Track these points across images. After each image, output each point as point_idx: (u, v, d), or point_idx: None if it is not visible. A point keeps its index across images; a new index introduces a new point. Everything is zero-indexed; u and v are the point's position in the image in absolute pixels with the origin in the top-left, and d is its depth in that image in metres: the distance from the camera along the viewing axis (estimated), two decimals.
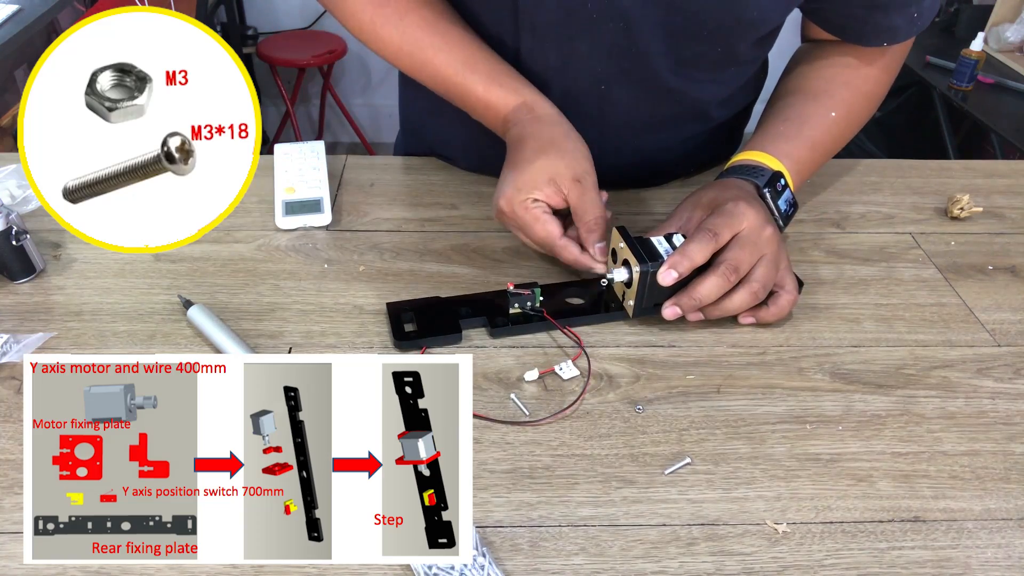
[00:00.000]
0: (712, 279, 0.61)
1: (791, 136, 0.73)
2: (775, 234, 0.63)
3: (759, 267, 0.63)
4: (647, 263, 0.61)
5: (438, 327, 0.64)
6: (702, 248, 0.61)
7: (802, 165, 0.73)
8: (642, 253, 0.62)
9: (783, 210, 0.69)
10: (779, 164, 0.71)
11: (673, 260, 0.61)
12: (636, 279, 0.62)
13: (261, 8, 2.76)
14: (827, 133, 0.75)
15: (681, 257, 0.61)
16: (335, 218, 0.78)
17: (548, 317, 0.64)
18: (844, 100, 0.75)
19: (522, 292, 0.64)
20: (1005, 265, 0.76)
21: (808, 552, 0.49)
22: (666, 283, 0.60)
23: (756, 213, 0.63)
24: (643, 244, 0.63)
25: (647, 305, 0.64)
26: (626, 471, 0.54)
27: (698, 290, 0.62)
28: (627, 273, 0.63)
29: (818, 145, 0.74)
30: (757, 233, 0.62)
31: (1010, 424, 0.59)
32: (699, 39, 0.70)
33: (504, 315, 0.65)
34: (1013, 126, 1.97)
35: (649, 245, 0.63)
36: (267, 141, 2.75)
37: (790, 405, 0.60)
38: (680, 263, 0.60)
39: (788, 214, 0.70)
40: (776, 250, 0.63)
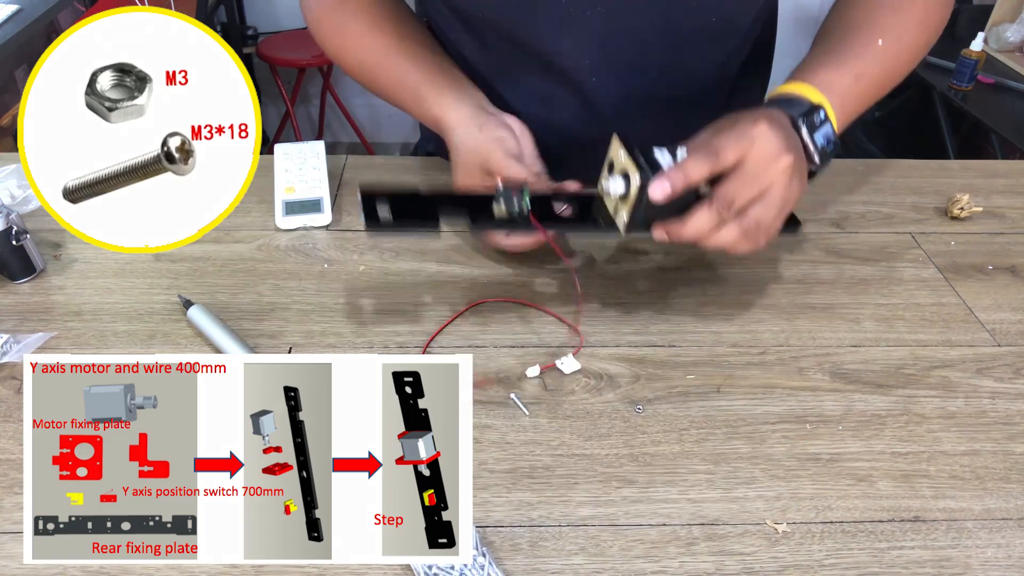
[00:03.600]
0: (703, 213, 0.56)
1: (832, 67, 0.65)
2: (791, 167, 0.56)
3: (759, 203, 0.56)
4: (648, 172, 0.54)
5: (415, 217, 0.58)
6: (699, 165, 0.54)
7: (846, 98, 0.64)
8: (643, 163, 0.55)
9: (820, 145, 0.61)
10: (820, 96, 0.62)
11: (668, 173, 0.54)
12: (635, 191, 0.55)
13: (261, 8, 2.76)
14: (874, 63, 0.66)
15: (677, 172, 0.54)
16: (335, 218, 0.78)
17: (534, 222, 0.59)
18: (891, 27, 0.67)
19: (510, 191, 0.58)
20: (1005, 265, 0.76)
21: (808, 552, 0.49)
22: (656, 196, 0.54)
23: (774, 138, 0.55)
24: (644, 154, 0.56)
25: (641, 221, 0.57)
26: (626, 471, 0.54)
27: (688, 224, 0.56)
28: (624, 185, 0.56)
29: (864, 76, 0.66)
30: (767, 161, 0.55)
31: (1010, 424, 0.59)
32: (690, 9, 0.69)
33: (488, 213, 0.59)
34: (1013, 126, 1.97)
35: (650, 156, 0.56)
36: (267, 141, 2.75)
37: (790, 405, 0.60)
38: (676, 178, 0.54)
39: (827, 151, 0.62)
40: (786, 186, 0.56)
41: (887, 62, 0.68)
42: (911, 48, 0.70)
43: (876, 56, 0.67)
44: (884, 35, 0.67)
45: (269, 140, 2.82)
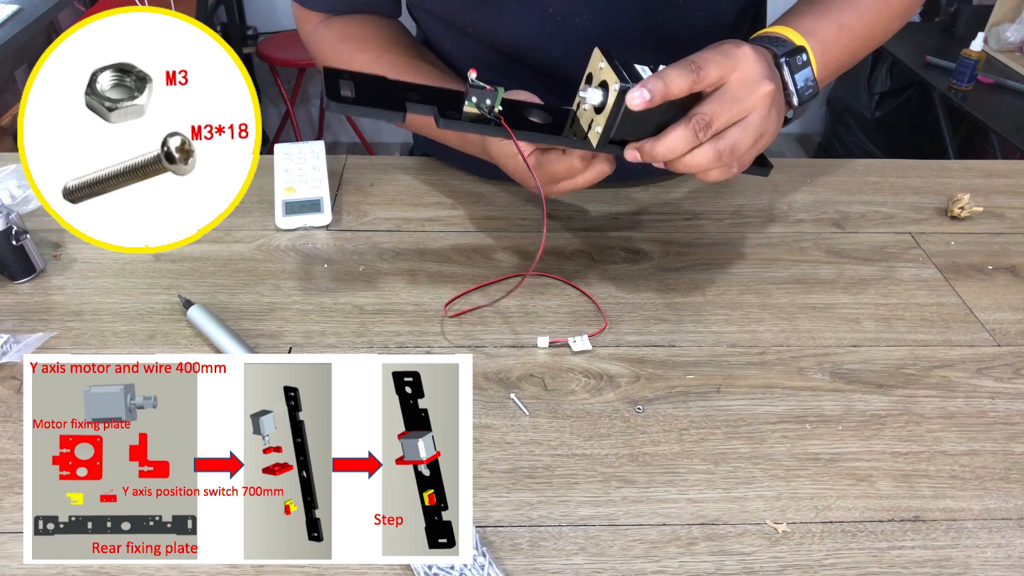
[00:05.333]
0: (679, 131, 0.54)
1: (816, 15, 0.66)
2: (772, 95, 0.55)
3: (736, 127, 0.55)
4: (629, 81, 0.52)
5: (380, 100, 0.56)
6: (680, 77, 0.52)
7: (828, 46, 0.65)
8: (624, 74, 0.53)
9: (799, 86, 0.61)
10: (802, 40, 0.63)
11: (647, 81, 0.52)
12: (612, 99, 0.53)
13: (261, 8, 2.76)
14: (858, 17, 0.67)
15: (657, 80, 0.52)
16: (335, 218, 0.78)
17: (504, 124, 0.56)
18: None
19: (483, 86, 0.55)
20: (1005, 265, 0.76)
21: (808, 552, 0.49)
22: (635, 104, 0.51)
23: (757, 63, 0.55)
24: (625, 67, 0.54)
25: (616, 136, 0.55)
26: (626, 471, 0.54)
27: (662, 141, 0.55)
28: (602, 95, 0.54)
29: (846, 27, 0.66)
30: (748, 85, 0.54)
31: (1010, 424, 0.59)
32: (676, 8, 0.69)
33: (457, 110, 0.56)
34: (1013, 126, 1.97)
35: (632, 69, 0.54)
36: (267, 141, 2.76)
37: (790, 405, 0.60)
38: (655, 86, 0.51)
39: (805, 93, 0.62)
40: (765, 114, 0.55)
41: (871, 17, 0.68)
42: (895, 7, 0.70)
43: (860, 11, 0.68)
44: None
45: (269, 140, 2.82)
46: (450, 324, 0.66)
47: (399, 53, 0.74)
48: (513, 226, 0.78)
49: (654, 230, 0.78)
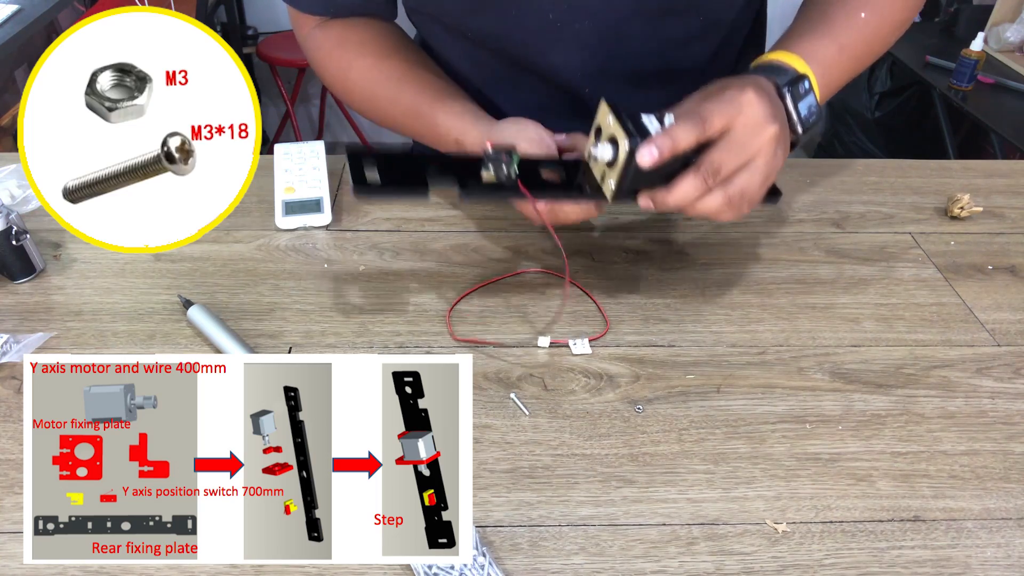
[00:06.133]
0: (689, 179, 0.55)
1: (816, 38, 0.66)
2: (776, 137, 0.57)
3: (744, 172, 0.56)
4: (637, 138, 0.54)
5: (404, 181, 0.58)
6: (687, 132, 0.54)
7: (829, 68, 0.65)
8: (632, 129, 0.55)
9: (803, 115, 0.62)
10: (804, 66, 0.63)
11: (656, 139, 0.54)
12: (623, 157, 0.55)
13: (261, 8, 2.76)
14: (857, 36, 0.67)
15: (665, 138, 0.54)
16: (335, 218, 0.78)
17: (523, 189, 0.58)
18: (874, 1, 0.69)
19: (499, 155, 0.57)
20: (1005, 265, 0.76)
21: (808, 552, 0.49)
22: (644, 163, 0.53)
23: (761, 106, 0.56)
24: (632, 120, 0.56)
25: (629, 189, 0.57)
26: (626, 471, 0.54)
27: (675, 191, 0.56)
28: (612, 151, 0.56)
29: (847, 48, 0.67)
30: (753, 130, 0.56)
31: (1010, 424, 0.59)
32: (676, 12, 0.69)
33: (477, 179, 0.58)
34: (1013, 126, 1.97)
35: (638, 122, 0.56)
36: (267, 141, 2.75)
37: (790, 405, 0.60)
38: (663, 143, 0.53)
39: (809, 121, 0.63)
40: (771, 155, 0.57)
41: (870, 34, 0.69)
42: (893, 21, 0.70)
43: (859, 28, 0.68)
44: (867, 8, 0.68)
45: (269, 140, 2.82)
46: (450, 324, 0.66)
47: (399, 59, 0.74)
48: (513, 226, 0.78)
49: (654, 230, 0.78)
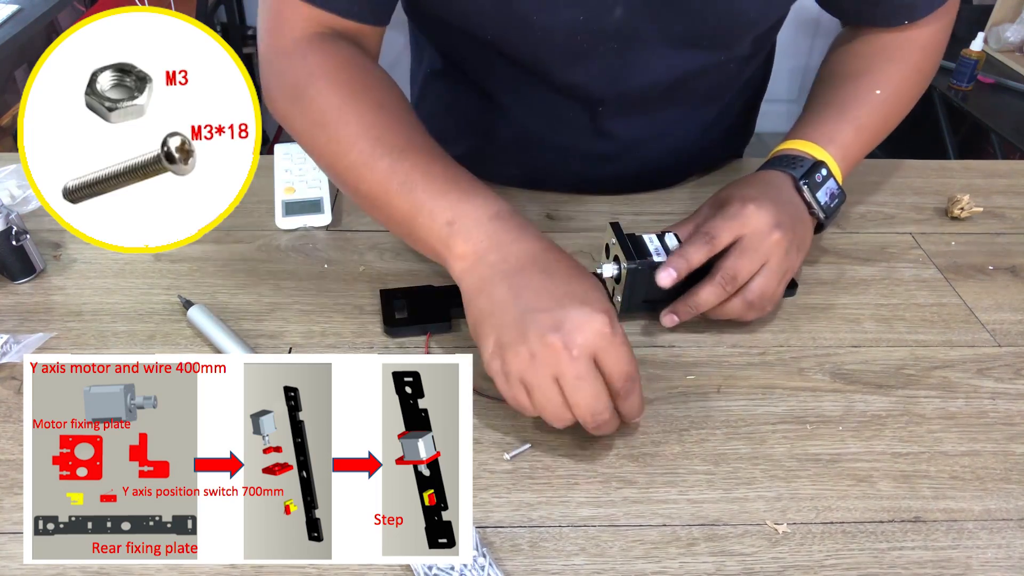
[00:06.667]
0: (708, 288, 0.60)
1: (833, 119, 0.69)
2: (783, 239, 0.60)
3: (759, 276, 0.61)
4: (635, 260, 0.61)
5: (428, 317, 0.64)
6: (698, 251, 0.60)
7: (848, 150, 0.68)
8: (632, 251, 0.62)
9: (823, 203, 0.65)
10: (822, 152, 0.67)
11: (671, 261, 0.60)
12: (624, 276, 0.62)
13: None
14: (874, 113, 0.70)
15: (679, 259, 0.60)
16: (335, 218, 0.78)
17: None
18: (889, 76, 0.71)
19: None
20: (1005, 265, 0.76)
21: (808, 552, 0.49)
22: (664, 284, 0.59)
23: (764, 215, 0.60)
24: (634, 241, 0.63)
25: (635, 303, 0.64)
26: (626, 471, 0.54)
27: (694, 299, 0.61)
28: (616, 269, 0.63)
29: (865, 127, 0.69)
30: (760, 238, 0.60)
31: (1010, 424, 0.59)
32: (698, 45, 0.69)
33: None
34: (1013, 126, 1.97)
35: (640, 243, 0.63)
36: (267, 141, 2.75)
37: (790, 405, 0.59)
38: (679, 264, 0.59)
39: (831, 206, 0.66)
40: (782, 257, 0.61)
41: (886, 111, 0.71)
42: (907, 96, 0.73)
43: (875, 105, 0.70)
44: (882, 85, 0.70)
45: (269, 140, 2.82)
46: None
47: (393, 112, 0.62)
48: None
49: (654, 231, 0.78)
